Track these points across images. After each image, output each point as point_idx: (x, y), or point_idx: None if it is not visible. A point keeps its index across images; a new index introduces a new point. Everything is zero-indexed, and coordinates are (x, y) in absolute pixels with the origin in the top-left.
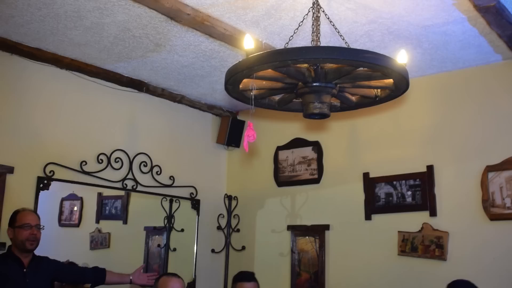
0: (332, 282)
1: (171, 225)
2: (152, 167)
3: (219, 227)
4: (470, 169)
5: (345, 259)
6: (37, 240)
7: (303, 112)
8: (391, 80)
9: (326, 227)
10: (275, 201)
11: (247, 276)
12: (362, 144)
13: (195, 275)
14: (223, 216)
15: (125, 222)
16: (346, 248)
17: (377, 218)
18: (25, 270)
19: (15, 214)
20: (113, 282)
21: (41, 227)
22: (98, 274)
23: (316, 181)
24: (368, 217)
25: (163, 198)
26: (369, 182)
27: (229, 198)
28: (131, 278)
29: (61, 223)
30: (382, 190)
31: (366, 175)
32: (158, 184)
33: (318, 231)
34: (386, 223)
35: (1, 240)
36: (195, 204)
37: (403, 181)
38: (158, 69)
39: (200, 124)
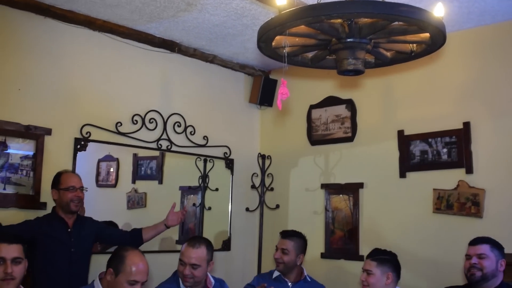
0: (366, 240)
1: (206, 185)
2: (186, 127)
3: (253, 186)
4: (508, 125)
5: (379, 217)
6: (82, 202)
7: (336, 69)
8: (427, 35)
9: (360, 185)
10: (308, 160)
11: (283, 233)
12: (397, 101)
13: (230, 234)
14: (257, 175)
15: (160, 182)
16: (380, 206)
17: (411, 175)
18: (69, 230)
19: (59, 176)
20: (151, 237)
21: (85, 188)
22: (135, 236)
23: (350, 139)
24: (402, 175)
25: (197, 158)
26: (404, 140)
27: (262, 157)
28: (165, 224)
29: (98, 184)
30: (417, 148)
31: (400, 133)
32: (192, 144)
33: (352, 189)
34: (421, 181)
35: (42, 200)
36: (229, 164)
37: (439, 138)
38: (190, 29)
39: (232, 84)
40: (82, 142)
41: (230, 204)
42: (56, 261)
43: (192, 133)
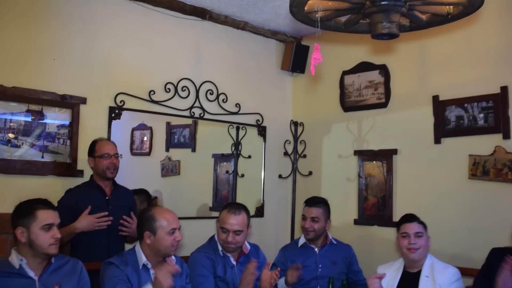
0: (400, 206)
1: (239, 152)
2: (218, 95)
3: (285, 153)
4: None
5: (413, 183)
6: (117, 169)
7: (370, 33)
8: None
9: (394, 151)
10: (341, 126)
11: (311, 201)
12: (432, 65)
13: (263, 200)
14: (290, 142)
15: (193, 150)
16: (415, 173)
17: (446, 141)
18: (107, 198)
19: (94, 144)
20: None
21: (119, 155)
22: None
23: (383, 105)
24: (437, 140)
25: (229, 125)
26: (439, 105)
27: (295, 124)
28: None
29: (132, 152)
30: (452, 113)
31: (435, 98)
32: (224, 112)
33: (386, 156)
34: (456, 147)
35: (79, 167)
36: (262, 131)
37: (475, 103)
38: None
39: (264, 51)
40: (117, 111)
41: (263, 171)
42: (95, 229)
43: (225, 100)
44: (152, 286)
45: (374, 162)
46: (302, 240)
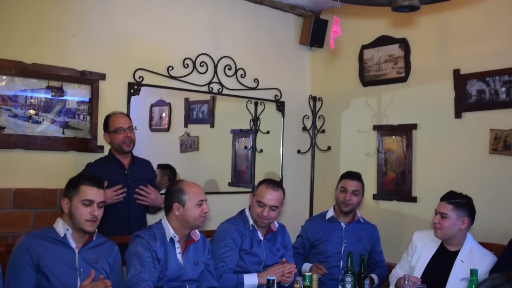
0: (419, 181)
1: (257, 127)
2: (236, 70)
3: (304, 128)
4: None
5: (433, 158)
6: (133, 141)
7: (391, 5)
8: None
9: (414, 126)
10: (360, 101)
11: (352, 174)
12: (453, 39)
13: (281, 176)
14: (308, 117)
15: (212, 125)
16: (435, 147)
17: (467, 116)
18: (126, 172)
19: (107, 119)
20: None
21: (134, 128)
22: None
23: (403, 79)
24: (458, 115)
25: (248, 101)
26: (460, 79)
27: (313, 99)
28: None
29: (151, 128)
30: (473, 87)
31: (456, 72)
32: (242, 87)
33: (405, 131)
34: (477, 121)
35: (99, 143)
36: (280, 106)
37: (497, 77)
38: None
39: (282, 25)
40: (135, 87)
41: (281, 146)
42: (115, 202)
43: (243, 76)
44: None
45: (394, 137)
46: (330, 213)
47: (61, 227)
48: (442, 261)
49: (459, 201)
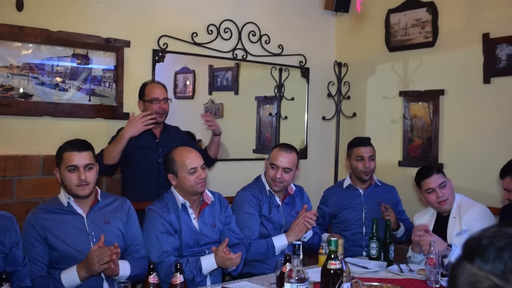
0: (446, 148)
1: (281, 94)
2: (260, 36)
3: (329, 95)
4: None
5: (460, 124)
6: (166, 113)
7: None
8: None
9: (441, 92)
10: (386, 67)
11: (364, 141)
12: (482, 2)
13: (306, 142)
14: (333, 84)
15: (236, 92)
16: (462, 113)
17: (497, 81)
18: (157, 140)
19: (143, 87)
20: (215, 150)
21: (169, 99)
22: (206, 156)
23: (431, 44)
24: (486, 80)
25: (272, 67)
26: (489, 43)
27: (339, 65)
28: (214, 133)
29: (176, 96)
30: (503, 52)
31: (485, 36)
32: (267, 54)
33: (432, 96)
34: (506, 87)
35: (125, 110)
36: (305, 72)
37: None
38: None
39: None
40: (160, 54)
41: (306, 113)
42: (145, 170)
43: (267, 42)
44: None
45: (420, 103)
46: (347, 182)
47: (63, 196)
48: (441, 226)
49: (439, 169)
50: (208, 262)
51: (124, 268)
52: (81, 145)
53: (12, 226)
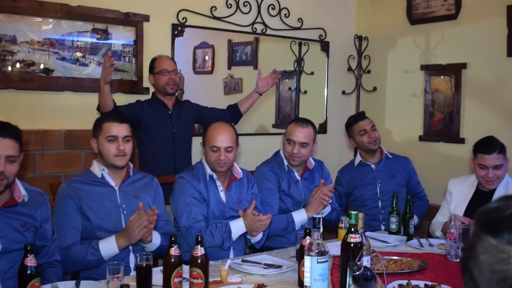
0: (468, 122)
1: (301, 69)
2: (280, 10)
3: (349, 69)
4: None
5: (483, 98)
6: (176, 84)
7: None
8: None
9: (463, 65)
10: (407, 40)
11: (360, 115)
12: None
13: (326, 117)
14: (353, 58)
15: (255, 67)
16: (485, 87)
17: None
18: (170, 112)
19: (153, 61)
20: (248, 107)
21: (179, 71)
22: (234, 111)
23: (453, 17)
24: (510, 53)
25: (292, 41)
26: None
27: (359, 38)
28: (257, 91)
29: (195, 71)
30: None
31: (510, 8)
32: (286, 27)
33: (454, 70)
34: None
35: (145, 85)
36: (324, 46)
37: None
38: None
39: None
40: (179, 28)
41: (326, 87)
42: (160, 141)
43: (287, 15)
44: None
45: (442, 76)
46: (358, 159)
47: (97, 168)
48: (480, 203)
49: (502, 145)
50: (237, 226)
51: (156, 238)
52: (121, 117)
53: (44, 202)
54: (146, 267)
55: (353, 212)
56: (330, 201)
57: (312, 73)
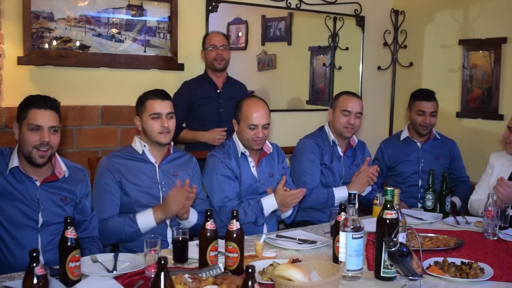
0: (507, 98)
1: (336, 44)
2: None
3: (385, 44)
4: None
5: None
6: (225, 60)
7: None
8: None
9: (503, 40)
10: (445, 14)
11: (428, 95)
12: None
13: (361, 93)
14: (389, 32)
15: (289, 43)
16: None
17: None
18: (218, 91)
19: (204, 37)
20: None
21: (227, 47)
22: None
23: None
24: None
25: (326, 16)
26: None
27: (395, 12)
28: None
29: (229, 47)
30: None
31: None
32: (321, 2)
33: (494, 45)
34: None
35: (179, 61)
36: (360, 21)
37: None
38: None
39: None
40: (213, 4)
41: (361, 63)
42: (206, 121)
43: None
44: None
45: (481, 51)
46: (404, 134)
47: (138, 144)
48: None
49: None
50: (269, 202)
51: (193, 215)
52: (164, 94)
53: (84, 178)
54: (183, 241)
55: (389, 189)
56: (375, 181)
57: (347, 48)
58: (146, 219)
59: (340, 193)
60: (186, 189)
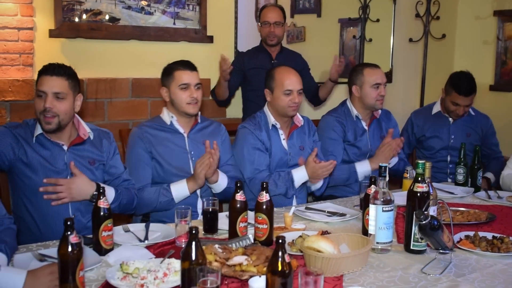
0: None
1: (366, 16)
2: None
3: (417, 15)
4: None
5: None
6: (277, 36)
7: None
8: None
9: None
10: None
11: (467, 90)
12: None
13: (391, 66)
14: (422, 3)
15: (319, 15)
16: None
17: None
18: (272, 62)
19: (261, 10)
20: (325, 94)
21: (281, 23)
22: (317, 93)
23: None
24: None
25: None
26: None
27: None
28: (330, 79)
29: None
30: None
31: None
32: None
33: None
34: None
35: (208, 33)
36: None
37: None
38: None
39: None
40: None
41: (392, 35)
42: (259, 89)
43: None
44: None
45: None
46: (437, 108)
47: (166, 115)
48: None
49: None
50: (300, 174)
51: (222, 179)
52: (191, 65)
53: (107, 137)
54: (213, 212)
55: (420, 162)
56: (399, 152)
57: (377, 20)
58: (180, 189)
59: (363, 168)
60: (209, 151)
